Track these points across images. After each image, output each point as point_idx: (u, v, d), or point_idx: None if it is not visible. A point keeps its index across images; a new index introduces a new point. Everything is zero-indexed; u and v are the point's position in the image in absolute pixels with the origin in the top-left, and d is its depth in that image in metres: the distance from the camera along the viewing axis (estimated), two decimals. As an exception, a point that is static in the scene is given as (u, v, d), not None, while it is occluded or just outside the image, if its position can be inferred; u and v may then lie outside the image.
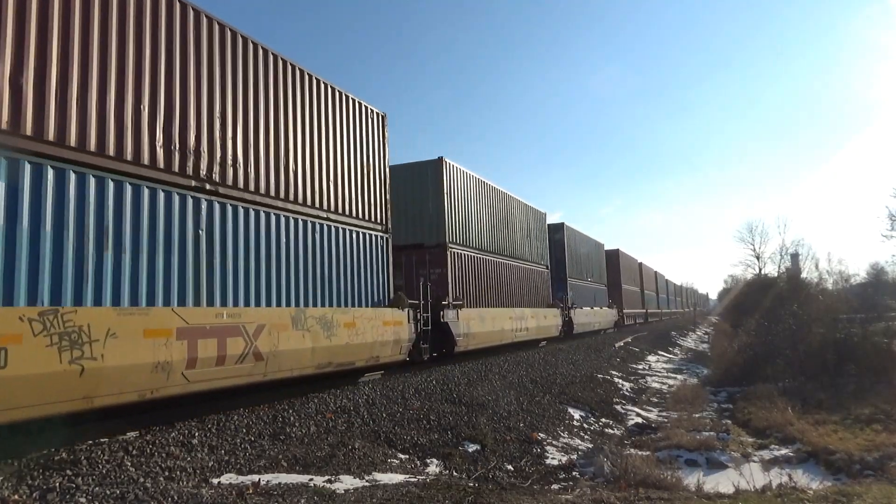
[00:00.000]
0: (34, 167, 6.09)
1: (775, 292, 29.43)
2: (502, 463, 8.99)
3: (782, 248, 54.27)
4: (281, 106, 9.93)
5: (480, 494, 6.28)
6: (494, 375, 14.51)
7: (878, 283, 46.14)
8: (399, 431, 9.06)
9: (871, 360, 16.81)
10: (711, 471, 10.16)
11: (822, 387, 16.19)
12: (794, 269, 47.62)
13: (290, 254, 9.70)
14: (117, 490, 5.18)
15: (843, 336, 18.86)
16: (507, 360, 17.34)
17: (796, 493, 7.11)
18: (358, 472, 6.95)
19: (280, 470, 6.64)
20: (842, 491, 7.06)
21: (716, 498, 6.84)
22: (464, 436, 9.62)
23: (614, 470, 8.73)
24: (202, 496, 5.24)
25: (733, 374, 20.70)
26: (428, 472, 7.80)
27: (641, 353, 30.17)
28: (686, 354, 35.41)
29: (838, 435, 11.73)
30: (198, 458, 6.52)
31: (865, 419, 12.81)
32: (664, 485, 7.93)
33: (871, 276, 50.62)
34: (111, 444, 6.39)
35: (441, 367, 14.42)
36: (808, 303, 23.65)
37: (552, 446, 10.65)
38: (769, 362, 19.62)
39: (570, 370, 18.36)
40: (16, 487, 5.06)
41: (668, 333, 46.33)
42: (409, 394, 11.04)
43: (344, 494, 5.81)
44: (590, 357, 22.73)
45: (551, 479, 8.75)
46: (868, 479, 8.88)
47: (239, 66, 9.07)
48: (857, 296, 37.65)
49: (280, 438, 7.66)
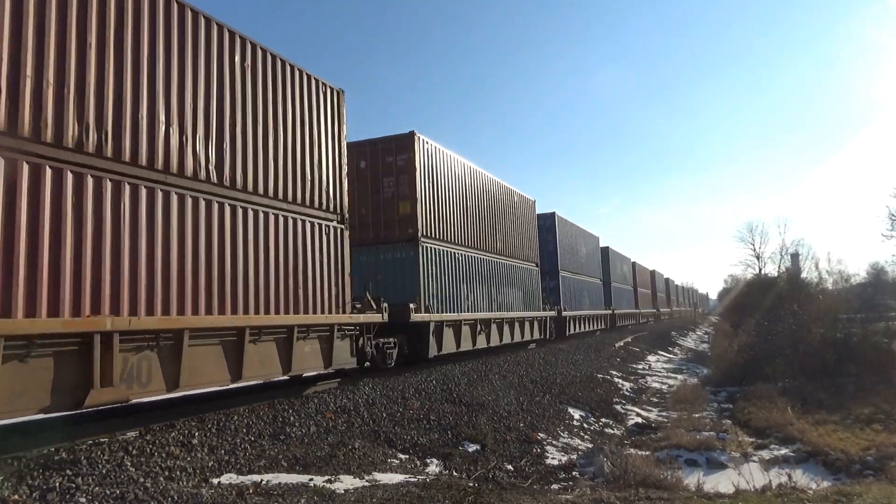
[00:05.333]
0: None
1: (775, 292, 29.45)
2: (502, 463, 8.99)
3: (782, 248, 54.35)
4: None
5: (480, 494, 6.28)
6: (494, 375, 14.51)
7: (878, 283, 46.12)
8: (399, 431, 9.06)
9: (871, 360, 16.81)
10: (711, 471, 10.16)
11: (822, 387, 16.19)
12: (794, 269, 47.62)
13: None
14: (117, 490, 5.18)
15: (843, 336, 18.89)
16: (507, 360, 17.33)
17: (796, 493, 7.11)
18: (358, 472, 6.95)
19: (280, 470, 6.64)
20: (842, 491, 7.06)
21: (716, 498, 6.84)
22: (464, 436, 9.62)
23: (614, 470, 8.72)
24: (202, 496, 5.24)
25: (733, 374, 20.70)
26: (428, 472, 7.80)
27: (641, 353, 30.18)
28: (686, 354, 35.43)
29: (838, 435, 11.73)
30: (198, 458, 6.52)
31: (865, 419, 12.81)
32: (664, 485, 7.93)
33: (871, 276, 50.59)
34: (111, 444, 6.39)
35: (441, 367, 14.42)
36: (808, 303, 23.64)
37: (552, 446, 10.65)
38: (769, 362, 19.62)
39: (570, 370, 18.36)
40: (16, 487, 5.06)
41: (668, 333, 46.35)
42: (409, 394, 11.04)
43: (344, 494, 5.81)
44: (590, 357, 22.73)
45: (551, 479, 8.75)
46: (868, 479, 8.88)
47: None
48: (857, 296, 37.65)
49: (280, 438, 7.66)
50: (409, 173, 14.17)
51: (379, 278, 13.41)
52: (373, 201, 14.43)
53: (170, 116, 7.62)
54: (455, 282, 15.65)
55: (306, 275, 9.71)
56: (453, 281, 15.54)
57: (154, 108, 7.41)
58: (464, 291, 16.10)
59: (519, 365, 16.84)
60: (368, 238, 14.24)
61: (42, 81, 6.16)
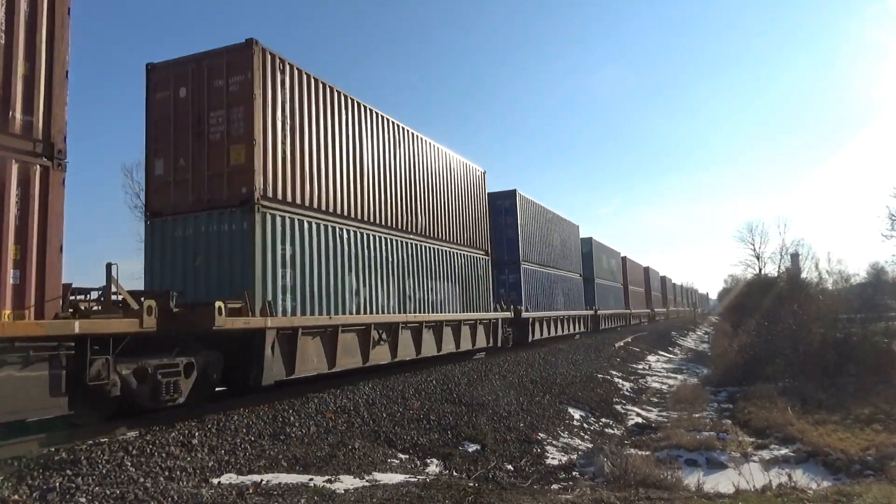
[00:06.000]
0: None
1: (775, 292, 29.43)
2: (502, 463, 8.99)
3: (782, 248, 54.33)
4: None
5: (480, 494, 6.28)
6: (494, 375, 14.52)
7: (878, 283, 46.15)
8: (399, 431, 9.06)
9: (871, 360, 16.81)
10: (711, 471, 10.16)
11: (822, 387, 16.18)
12: (794, 269, 47.58)
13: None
14: (117, 490, 5.18)
15: (843, 336, 18.90)
16: (507, 359, 17.33)
17: (796, 493, 7.12)
18: (358, 472, 6.95)
19: (280, 470, 6.64)
20: (842, 491, 7.06)
21: (716, 498, 6.84)
22: (464, 436, 9.62)
23: (614, 470, 8.72)
24: (202, 496, 5.24)
25: (733, 374, 20.69)
26: (428, 472, 7.80)
27: (641, 353, 30.19)
28: (686, 354, 35.43)
29: (838, 435, 11.73)
30: (198, 458, 6.52)
31: (865, 419, 12.81)
32: (664, 485, 7.93)
33: (871, 276, 50.61)
34: (111, 444, 6.39)
35: (441, 367, 14.41)
36: (808, 303, 23.62)
37: (552, 446, 10.65)
38: (769, 362, 19.62)
39: (570, 370, 18.37)
40: (16, 487, 5.06)
41: (668, 333, 46.33)
42: (409, 394, 11.05)
43: (344, 494, 5.81)
44: (590, 357, 22.74)
45: (551, 479, 8.75)
46: (868, 479, 8.87)
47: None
48: (857, 296, 37.65)
49: (280, 438, 7.66)
50: (246, 104, 9.46)
51: (198, 262, 9.48)
52: (194, 147, 9.77)
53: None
54: (334, 270, 10.89)
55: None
56: (330, 269, 10.77)
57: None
58: (350, 284, 11.28)
59: (519, 365, 16.84)
60: (187, 203, 9.72)
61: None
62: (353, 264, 11.52)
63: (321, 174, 10.87)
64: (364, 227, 12.00)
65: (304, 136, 10.51)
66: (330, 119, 11.28)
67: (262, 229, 9.29)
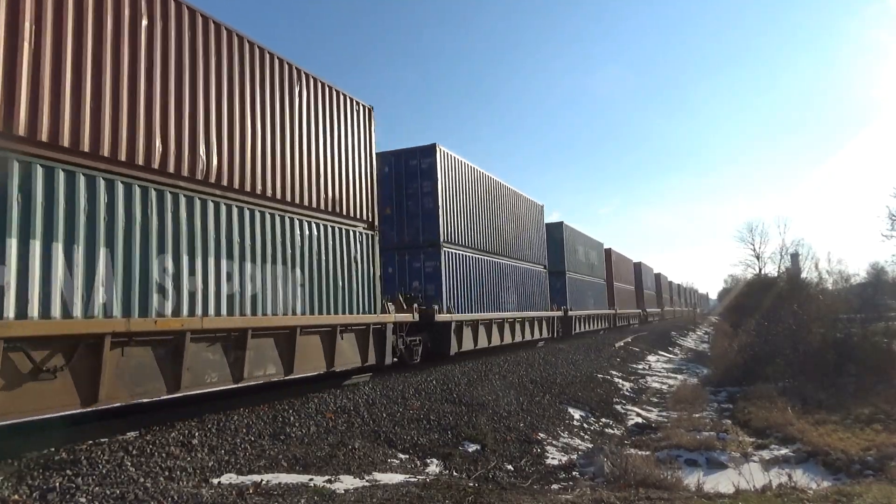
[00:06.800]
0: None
1: (775, 292, 29.42)
2: (502, 463, 8.99)
3: (782, 248, 54.33)
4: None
5: (480, 494, 6.28)
6: (494, 375, 14.52)
7: (878, 283, 46.16)
8: (399, 431, 9.06)
9: (871, 360, 16.80)
10: (711, 471, 10.16)
11: (822, 387, 16.18)
12: (794, 269, 47.61)
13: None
14: (117, 490, 5.18)
15: (843, 336, 18.88)
16: (507, 360, 17.33)
17: (796, 493, 7.11)
18: (358, 472, 6.95)
19: (280, 470, 6.64)
20: (842, 491, 7.06)
21: (716, 498, 6.85)
22: (464, 436, 9.62)
23: (614, 470, 8.72)
24: (202, 496, 5.24)
25: (733, 374, 20.69)
26: (428, 472, 7.80)
27: (641, 353, 30.18)
28: (686, 354, 35.42)
29: (838, 435, 11.73)
30: (198, 458, 6.52)
31: (865, 419, 12.80)
32: (664, 485, 7.93)
33: (871, 276, 50.63)
34: (111, 444, 6.40)
35: (441, 367, 14.41)
36: (808, 303, 23.63)
37: (552, 446, 10.65)
38: (769, 362, 19.62)
39: (570, 370, 18.36)
40: (16, 487, 5.06)
41: (668, 333, 46.34)
42: (409, 394, 11.05)
43: (344, 494, 5.81)
44: (590, 357, 22.74)
45: (551, 479, 8.75)
46: (868, 479, 8.87)
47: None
48: (857, 296, 37.67)
49: (280, 438, 7.66)
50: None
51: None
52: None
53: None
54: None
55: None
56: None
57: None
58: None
59: (519, 365, 16.84)
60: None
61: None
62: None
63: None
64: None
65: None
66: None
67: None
